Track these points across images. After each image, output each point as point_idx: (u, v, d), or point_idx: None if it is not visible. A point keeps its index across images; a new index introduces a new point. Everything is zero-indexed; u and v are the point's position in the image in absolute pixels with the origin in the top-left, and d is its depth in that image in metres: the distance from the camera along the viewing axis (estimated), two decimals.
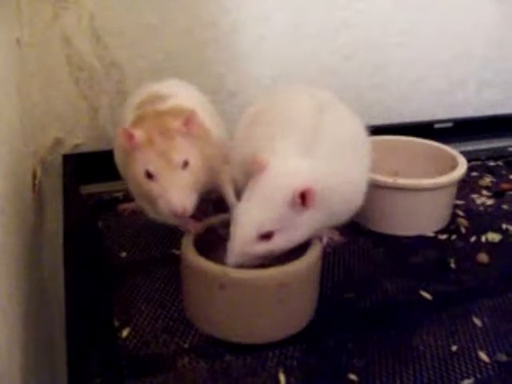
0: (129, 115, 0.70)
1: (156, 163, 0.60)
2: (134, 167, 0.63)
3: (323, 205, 0.60)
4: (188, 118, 0.63)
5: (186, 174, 0.61)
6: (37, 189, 0.88)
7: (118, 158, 0.76)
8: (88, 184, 0.93)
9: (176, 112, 0.66)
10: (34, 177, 0.87)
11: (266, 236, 0.58)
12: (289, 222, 0.58)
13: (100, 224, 0.83)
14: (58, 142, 0.94)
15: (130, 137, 0.61)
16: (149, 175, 0.61)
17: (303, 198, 0.57)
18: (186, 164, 0.62)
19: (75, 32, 0.90)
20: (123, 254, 0.75)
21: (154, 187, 0.60)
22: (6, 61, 0.75)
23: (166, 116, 0.65)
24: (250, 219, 0.58)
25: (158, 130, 0.62)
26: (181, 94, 0.73)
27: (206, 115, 0.71)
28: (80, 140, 0.96)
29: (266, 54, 1.04)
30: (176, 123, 0.63)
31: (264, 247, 0.58)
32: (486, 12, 1.20)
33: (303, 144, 0.62)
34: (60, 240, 0.70)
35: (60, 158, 0.93)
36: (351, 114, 0.70)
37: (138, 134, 0.61)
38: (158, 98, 0.70)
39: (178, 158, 0.61)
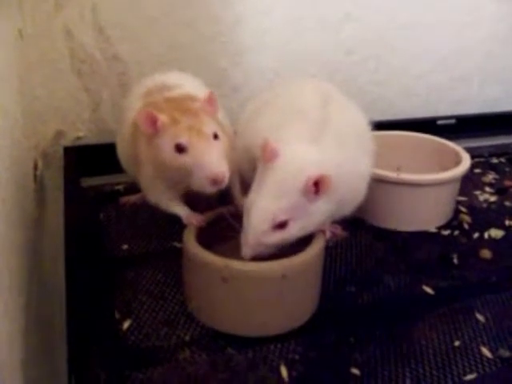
0: (136, 103, 0.70)
1: (187, 135, 0.60)
2: (160, 147, 0.62)
3: (334, 193, 0.59)
4: (209, 98, 0.64)
5: (219, 144, 0.62)
6: (38, 181, 0.88)
7: (122, 151, 0.76)
8: (89, 176, 0.93)
9: (190, 97, 0.66)
10: (36, 169, 0.87)
11: (281, 225, 0.58)
12: (302, 210, 0.58)
13: (101, 216, 0.83)
14: (59, 135, 0.94)
15: (154, 120, 0.61)
16: (180, 149, 0.60)
17: (317, 186, 0.57)
18: (215, 136, 0.62)
19: (77, 24, 0.90)
20: (124, 247, 0.75)
21: (187, 159, 0.60)
22: (7, 52, 0.74)
23: (183, 100, 0.65)
24: (264, 209, 0.58)
25: (180, 111, 0.62)
26: (187, 84, 0.72)
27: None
28: (81, 132, 0.95)
29: (269, 47, 1.03)
30: (198, 103, 0.63)
31: (279, 236, 0.58)
32: (489, 7, 1.19)
33: (311, 133, 0.62)
34: (61, 232, 0.70)
35: (61, 151, 0.93)
36: (354, 106, 0.70)
37: (162, 116, 0.61)
38: (166, 87, 0.70)
39: (209, 130, 0.61)
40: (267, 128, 0.65)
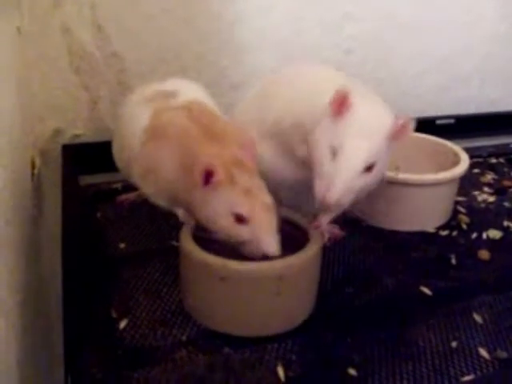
0: (140, 110, 0.69)
1: (248, 205, 0.57)
2: (213, 206, 0.59)
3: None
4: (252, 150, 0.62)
5: (274, 215, 0.60)
6: (36, 179, 0.87)
7: (117, 151, 0.75)
8: (87, 174, 0.93)
9: (227, 129, 0.64)
10: (33, 167, 0.87)
11: (368, 168, 0.59)
12: (382, 154, 0.60)
13: (99, 215, 0.83)
14: (57, 133, 0.94)
15: (209, 173, 0.57)
16: (239, 219, 0.57)
17: (400, 131, 0.59)
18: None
19: (76, 21, 0.89)
20: (122, 245, 0.75)
21: (244, 231, 0.58)
22: (5, 50, 0.74)
23: (226, 142, 0.61)
24: (358, 151, 0.58)
25: (232, 162, 0.59)
26: (188, 90, 0.72)
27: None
28: (79, 130, 0.95)
29: (269, 46, 1.03)
30: (249, 159, 0.60)
31: (364, 180, 0.59)
32: (489, 7, 1.19)
33: (358, 90, 0.61)
34: (59, 230, 0.70)
35: (59, 149, 0.93)
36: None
37: (219, 171, 0.57)
38: (168, 93, 0.69)
39: (269, 200, 0.59)
40: (311, 96, 0.65)
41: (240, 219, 0.57)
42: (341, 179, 0.58)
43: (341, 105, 0.59)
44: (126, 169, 0.72)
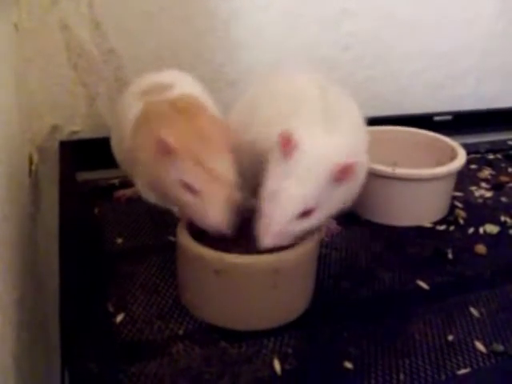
0: (134, 103, 0.69)
1: (197, 176, 0.58)
2: (167, 174, 0.60)
3: (354, 180, 0.60)
4: (227, 128, 0.62)
5: (227, 189, 0.59)
6: (33, 175, 0.87)
7: (115, 145, 0.76)
8: (85, 171, 0.93)
9: (200, 107, 0.64)
10: (31, 163, 0.87)
11: (306, 213, 0.57)
12: (326, 197, 0.58)
13: (96, 210, 0.83)
14: (55, 129, 0.94)
15: (165, 145, 0.58)
16: (187, 187, 0.58)
17: (344, 173, 0.57)
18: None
19: (74, 18, 0.89)
20: (119, 241, 0.75)
21: (191, 199, 0.59)
22: (3, 46, 0.74)
23: (195, 117, 0.62)
24: (294, 195, 0.56)
25: (194, 136, 0.59)
26: (184, 83, 0.72)
27: (210, 104, 0.70)
28: (77, 127, 0.95)
29: (266, 43, 1.03)
30: (216, 132, 0.61)
31: (303, 225, 0.58)
32: (486, 4, 1.19)
33: (324, 121, 0.61)
34: (56, 226, 0.70)
35: (57, 145, 0.93)
36: (345, 93, 0.69)
37: (173, 142, 0.58)
38: (163, 86, 0.69)
39: (222, 174, 0.59)
40: (274, 120, 0.64)
41: (189, 189, 0.58)
42: (275, 224, 0.57)
43: (287, 147, 0.58)
44: (124, 161, 0.73)
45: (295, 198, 0.57)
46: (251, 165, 0.65)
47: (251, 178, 0.63)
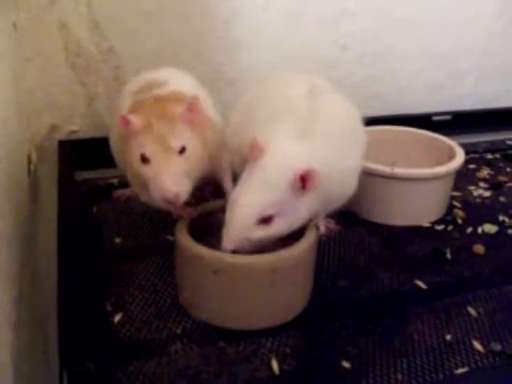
0: (127, 101, 0.69)
1: (151, 147, 0.59)
2: (131, 152, 0.61)
3: (322, 188, 0.59)
4: (191, 104, 0.62)
5: (182, 160, 0.60)
6: (32, 174, 0.87)
7: (114, 145, 0.76)
8: (83, 170, 0.93)
9: (177, 98, 0.65)
10: (30, 162, 0.87)
11: (266, 220, 0.57)
12: (288, 205, 0.58)
13: (94, 210, 0.83)
14: (53, 128, 0.94)
15: (127, 123, 0.60)
16: (144, 159, 0.60)
17: (304, 181, 0.57)
18: (183, 150, 0.60)
19: (72, 17, 0.89)
20: (117, 240, 0.75)
21: (148, 171, 0.59)
22: (1, 45, 0.74)
23: (166, 102, 0.64)
24: (250, 203, 0.57)
25: (157, 115, 0.61)
26: (179, 81, 0.72)
27: (206, 101, 0.70)
28: (76, 126, 0.95)
29: (265, 42, 1.03)
30: (179, 109, 0.61)
31: (263, 232, 0.57)
32: (486, 4, 1.19)
33: (300, 127, 0.61)
34: (54, 225, 0.69)
35: (56, 144, 0.93)
36: (344, 99, 0.70)
37: (135, 119, 0.60)
38: (157, 84, 0.69)
39: (175, 143, 0.60)
40: (256, 126, 0.64)
41: (144, 159, 0.59)
42: (233, 229, 0.57)
43: (253, 154, 0.58)
44: (121, 161, 0.73)
45: (250, 206, 0.57)
46: (242, 167, 0.65)
47: None
